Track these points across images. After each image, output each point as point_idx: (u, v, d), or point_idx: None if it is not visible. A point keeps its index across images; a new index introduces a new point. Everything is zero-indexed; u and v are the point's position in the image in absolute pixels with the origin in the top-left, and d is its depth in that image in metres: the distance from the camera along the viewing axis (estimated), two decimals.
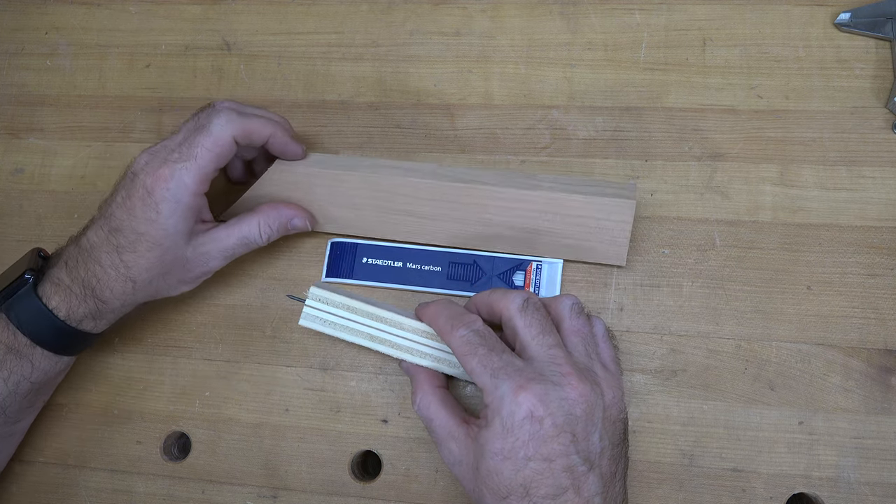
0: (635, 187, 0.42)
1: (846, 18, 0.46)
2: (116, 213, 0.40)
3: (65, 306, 0.39)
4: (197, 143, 0.39)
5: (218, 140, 0.40)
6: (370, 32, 0.51)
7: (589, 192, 0.41)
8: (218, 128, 0.40)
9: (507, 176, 0.43)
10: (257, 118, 0.42)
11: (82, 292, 0.40)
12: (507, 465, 0.33)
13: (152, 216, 0.39)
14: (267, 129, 0.42)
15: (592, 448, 0.34)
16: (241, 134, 0.41)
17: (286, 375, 0.45)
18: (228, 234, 0.42)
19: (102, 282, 0.40)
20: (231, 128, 0.40)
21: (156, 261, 0.40)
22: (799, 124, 0.46)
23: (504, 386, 0.33)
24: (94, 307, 0.40)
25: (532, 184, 0.42)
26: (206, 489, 0.44)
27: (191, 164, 0.39)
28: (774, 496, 0.40)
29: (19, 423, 0.43)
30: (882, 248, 0.43)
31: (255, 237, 0.43)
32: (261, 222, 0.43)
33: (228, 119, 0.40)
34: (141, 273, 0.40)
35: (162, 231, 0.39)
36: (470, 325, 0.36)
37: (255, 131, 0.41)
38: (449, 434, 0.36)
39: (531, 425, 0.33)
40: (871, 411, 0.40)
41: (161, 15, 0.54)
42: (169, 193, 0.39)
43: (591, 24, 0.49)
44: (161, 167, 0.39)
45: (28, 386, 0.40)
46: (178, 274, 0.42)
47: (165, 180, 0.39)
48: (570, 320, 0.37)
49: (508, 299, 0.37)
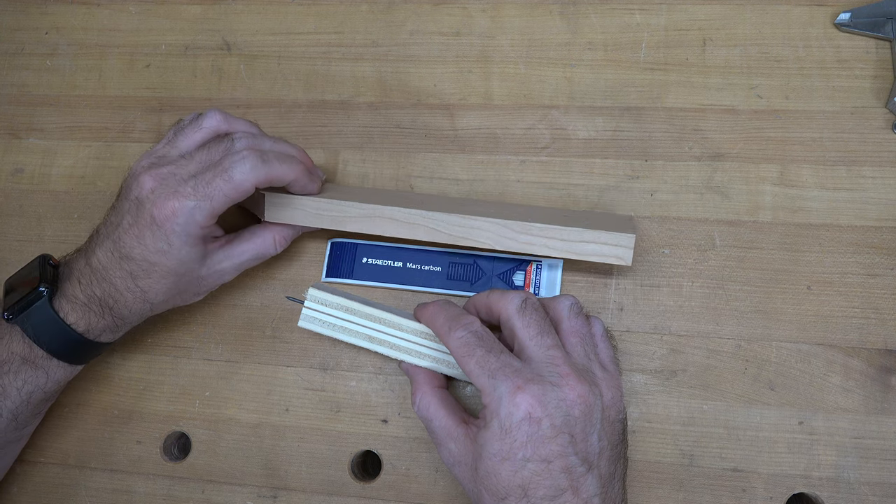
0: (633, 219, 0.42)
1: (846, 18, 0.46)
2: (125, 238, 0.38)
3: (84, 322, 0.39)
4: (215, 187, 0.38)
5: (238, 187, 0.38)
6: (370, 32, 0.51)
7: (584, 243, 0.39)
8: (240, 175, 0.38)
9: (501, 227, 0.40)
10: (279, 163, 0.39)
11: (100, 310, 0.39)
12: (506, 466, 0.33)
13: (163, 247, 0.38)
14: (290, 175, 0.40)
15: (591, 449, 0.34)
16: (264, 181, 0.39)
17: (286, 375, 0.45)
18: (244, 251, 0.42)
19: (119, 302, 0.40)
20: (254, 176, 0.38)
21: (172, 285, 0.40)
22: (799, 124, 0.46)
23: (502, 387, 0.33)
24: (112, 322, 0.40)
25: (525, 241, 0.40)
26: (206, 489, 0.44)
27: (205, 205, 0.37)
28: (774, 496, 0.40)
29: (27, 429, 0.43)
30: (882, 248, 0.43)
31: (270, 251, 0.43)
32: (276, 237, 0.43)
33: (253, 167, 0.38)
34: (158, 296, 0.40)
35: (175, 261, 0.39)
36: (468, 326, 0.36)
37: (277, 179, 0.39)
38: (448, 434, 0.36)
39: (529, 426, 0.32)
40: (871, 411, 0.40)
41: (161, 15, 0.54)
42: (179, 228, 0.38)
43: (591, 24, 0.49)
44: (170, 199, 0.37)
45: (41, 395, 0.41)
46: (193, 290, 0.42)
47: (175, 215, 0.37)
48: (568, 321, 0.37)
49: (507, 300, 0.37)
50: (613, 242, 0.39)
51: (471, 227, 0.41)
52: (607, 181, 0.46)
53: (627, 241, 0.39)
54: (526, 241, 0.40)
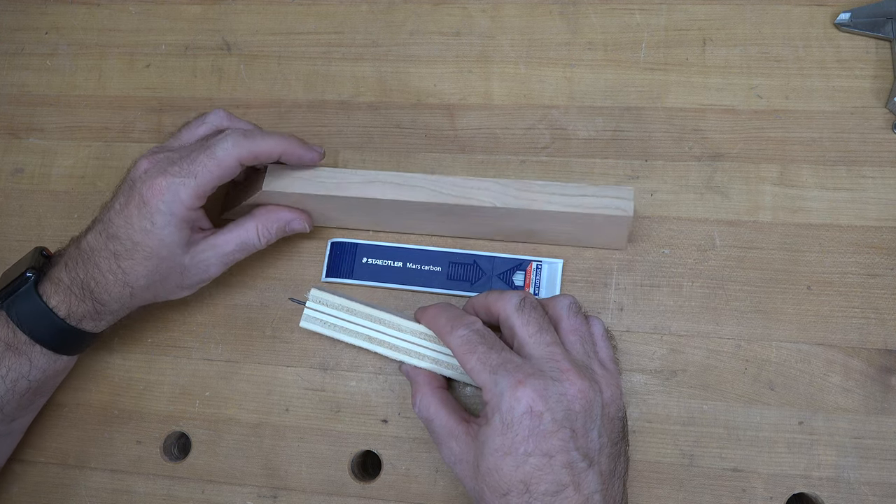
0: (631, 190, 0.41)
1: (846, 18, 0.46)
2: (114, 219, 0.40)
3: (65, 306, 0.39)
4: (199, 162, 0.39)
5: (221, 163, 0.39)
6: (370, 32, 0.51)
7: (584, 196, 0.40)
8: (222, 151, 0.39)
9: (502, 186, 0.41)
10: (263, 138, 0.41)
11: (81, 293, 0.40)
12: (507, 462, 0.33)
13: (147, 226, 0.39)
14: (277, 148, 0.41)
15: (591, 445, 0.34)
16: (247, 157, 0.40)
17: (286, 375, 0.45)
18: (227, 241, 0.42)
19: (101, 285, 0.40)
20: (236, 151, 0.39)
21: (153, 269, 0.40)
22: (799, 124, 0.46)
23: (503, 382, 0.33)
24: (92, 308, 0.40)
25: (527, 197, 0.40)
26: (206, 489, 0.44)
27: (189, 181, 0.39)
28: (774, 496, 0.40)
29: (17, 423, 0.43)
30: (882, 248, 0.43)
31: (254, 242, 0.43)
32: (259, 227, 0.43)
33: (235, 142, 0.40)
34: (138, 280, 0.40)
35: (157, 241, 0.39)
36: (470, 325, 0.36)
37: (262, 153, 0.40)
38: (449, 433, 0.36)
39: (530, 420, 0.33)
40: (871, 411, 0.40)
41: (161, 15, 0.54)
42: (164, 206, 0.39)
43: (591, 24, 0.49)
44: (158, 177, 0.39)
45: (26, 384, 0.40)
46: (175, 280, 0.42)
47: (161, 192, 0.39)
48: (567, 319, 0.37)
49: (505, 299, 0.37)
50: (613, 195, 0.40)
51: (472, 187, 0.41)
52: (607, 181, 0.46)
53: (627, 193, 0.40)
54: (528, 198, 0.40)
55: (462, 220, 0.43)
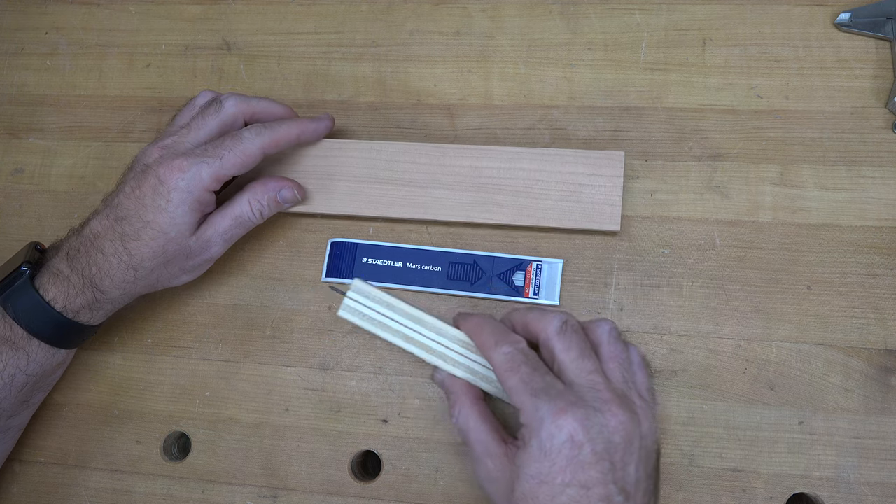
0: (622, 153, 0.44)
1: (846, 18, 0.46)
2: (124, 202, 0.40)
3: (62, 297, 0.40)
4: (226, 146, 0.40)
5: (247, 150, 0.41)
6: (370, 32, 0.51)
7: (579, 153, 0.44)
8: (248, 141, 0.41)
9: (500, 149, 0.45)
10: (282, 126, 0.42)
11: (81, 282, 0.40)
12: (544, 490, 0.32)
13: (161, 204, 0.40)
14: (293, 130, 0.43)
15: (629, 478, 0.33)
16: (271, 145, 0.42)
17: (286, 375, 0.45)
18: (223, 217, 0.43)
19: (103, 270, 0.40)
20: (261, 140, 0.41)
21: (159, 249, 0.40)
22: (799, 124, 0.46)
23: (545, 407, 0.33)
24: (91, 297, 0.40)
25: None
26: (206, 489, 0.44)
27: (213, 162, 0.40)
28: (774, 496, 0.40)
29: (15, 419, 0.43)
30: (882, 248, 0.43)
31: (248, 214, 0.43)
32: (250, 199, 0.43)
33: (258, 132, 0.41)
34: (144, 261, 0.40)
35: (169, 219, 0.40)
36: (515, 343, 0.36)
37: (282, 140, 0.42)
38: (486, 451, 0.35)
39: (570, 450, 0.32)
40: (871, 411, 0.40)
41: (161, 15, 0.54)
42: (182, 183, 0.39)
43: (591, 24, 0.49)
44: (178, 159, 0.40)
45: (24, 379, 0.40)
46: (180, 263, 0.42)
47: (182, 170, 0.40)
48: (608, 345, 0.37)
49: (546, 321, 0.36)
50: (605, 158, 0.43)
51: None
52: None
53: (618, 157, 0.43)
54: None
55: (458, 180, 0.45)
